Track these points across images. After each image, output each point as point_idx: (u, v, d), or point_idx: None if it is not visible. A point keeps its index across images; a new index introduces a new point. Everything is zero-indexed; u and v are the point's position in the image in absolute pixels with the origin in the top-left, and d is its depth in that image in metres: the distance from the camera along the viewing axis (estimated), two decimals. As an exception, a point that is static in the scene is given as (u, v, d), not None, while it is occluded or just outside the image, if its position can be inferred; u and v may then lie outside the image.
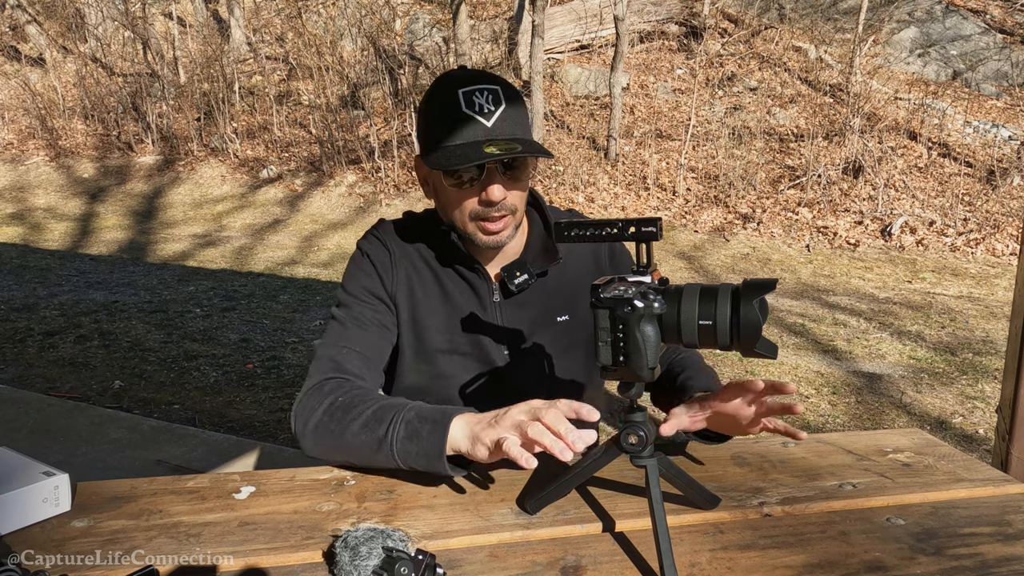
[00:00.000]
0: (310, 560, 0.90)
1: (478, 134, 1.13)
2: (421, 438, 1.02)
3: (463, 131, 1.13)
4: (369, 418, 1.07)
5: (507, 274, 1.24)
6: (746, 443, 1.28)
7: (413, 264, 1.29)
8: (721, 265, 7.67)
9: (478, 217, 1.18)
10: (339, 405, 1.11)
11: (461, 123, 1.13)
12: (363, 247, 1.31)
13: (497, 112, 1.14)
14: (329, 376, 1.17)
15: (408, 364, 1.28)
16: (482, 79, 1.16)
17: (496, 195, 1.14)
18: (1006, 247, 7.95)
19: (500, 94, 1.15)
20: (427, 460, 1.02)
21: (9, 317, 5.36)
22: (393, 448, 1.04)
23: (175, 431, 3.37)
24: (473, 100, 1.13)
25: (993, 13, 12.64)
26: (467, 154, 1.11)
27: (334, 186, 10.31)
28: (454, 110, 1.14)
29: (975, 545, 0.95)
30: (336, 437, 1.09)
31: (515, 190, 1.18)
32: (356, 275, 1.28)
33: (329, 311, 1.30)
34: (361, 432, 1.07)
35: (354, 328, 1.23)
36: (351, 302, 1.26)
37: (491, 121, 1.13)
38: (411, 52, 11.99)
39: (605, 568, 0.89)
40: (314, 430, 1.11)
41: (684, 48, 12.40)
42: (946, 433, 3.69)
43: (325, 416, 1.10)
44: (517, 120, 1.16)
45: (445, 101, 1.15)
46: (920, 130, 10.06)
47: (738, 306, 0.83)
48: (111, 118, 12.01)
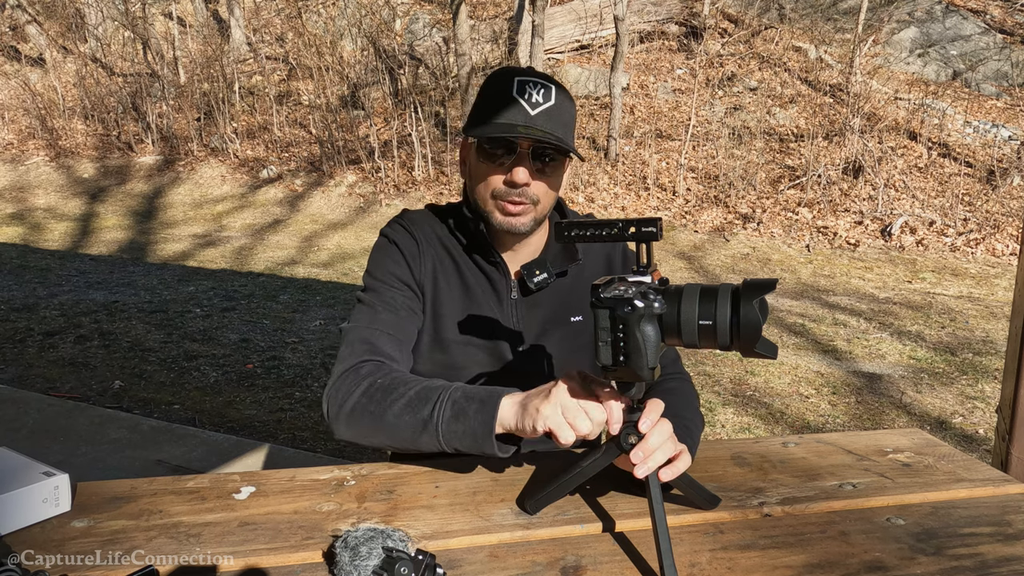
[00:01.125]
0: (310, 560, 0.89)
1: (519, 118, 1.17)
2: (468, 417, 1.01)
3: (507, 112, 1.17)
4: (412, 399, 1.06)
5: (526, 272, 1.25)
6: (746, 443, 1.28)
7: (437, 254, 1.30)
8: (721, 265, 7.67)
9: (500, 196, 1.20)
10: (379, 387, 1.10)
11: (507, 104, 1.18)
12: (390, 235, 1.31)
13: (544, 105, 1.18)
14: (365, 359, 1.16)
15: (423, 351, 1.29)
16: (541, 76, 1.21)
17: (520, 177, 1.17)
18: (1006, 247, 7.95)
19: (552, 92, 1.19)
20: (474, 440, 1.01)
21: (9, 317, 5.36)
22: (439, 428, 1.03)
23: (175, 431, 3.37)
24: (525, 88, 1.18)
25: (993, 13, 12.64)
26: (504, 130, 1.15)
27: (334, 186, 10.31)
28: (505, 92, 1.18)
29: (975, 545, 0.95)
30: (376, 418, 1.08)
31: (542, 182, 1.21)
32: (383, 262, 1.29)
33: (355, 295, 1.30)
34: (404, 413, 1.06)
35: (384, 311, 1.24)
36: (379, 287, 1.26)
37: (535, 111, 1.17)
38: (411, 52, 11.99)
39: (605, 568, 0.89)
40: (351, 412, 1.10)
41: (684, 48, 12.40)
42: (946, 433, 3.69)
43: (364, 398, 1.10)
44: (561, 120, 1.20)
45: (500, 83, 1.20)
46: (920, 130, 10.06)
47: (738, 306, 0.83)
48: (111, 118, 12.02)
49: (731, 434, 3.64)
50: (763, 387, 4.27)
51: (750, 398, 4.10)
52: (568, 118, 1.22)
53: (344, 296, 6.16)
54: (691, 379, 1.32)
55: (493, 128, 1.17)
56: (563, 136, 1.20)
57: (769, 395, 4.15)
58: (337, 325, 5.26)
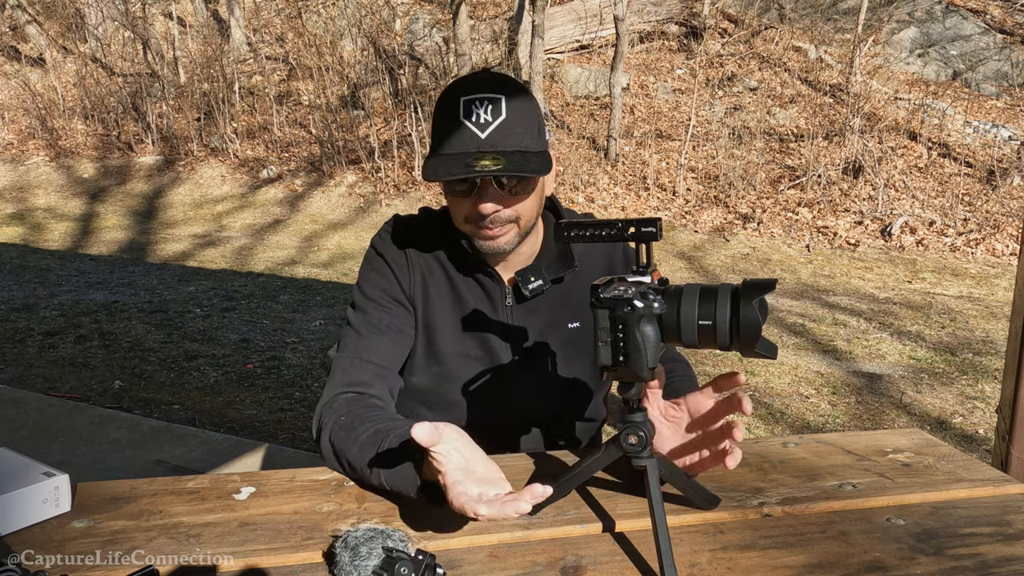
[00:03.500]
0: (310, 560, 0.89)
1: (469, 145, 1.10)
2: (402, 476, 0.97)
3: (455, 139, 1.11)
4: (364, 442, 1.05)
5: (521, 279, 1.23)
6: (746, 443, 1.28)
7: (428, 265, 1.27)
8: (721, 265, 7.67)
9: (474, 222, 1.16)
10: (342, 425, 1.10)
11: (455, 130, 1.12)
12: (378, 247, 1.28)
13: (494, 123, 1.10)
14: (340, 392, 1.17)
15: (418, 364, 1.28)
16: (486, 87, 1.12)
17: (486, 210, 1.13)
18: (1006, 247, 7.95)
19: (502, 105, 1.11)
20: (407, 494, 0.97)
21: (9, 317, 5.36)
22: (382, 480, 1.00)
23: (175, 431, 3.37)
24: (472, 109, 1.11)
25: (993, 13, 12.64)
26: (453, 165, 1.09)
27: (334, 186, 10.31)
28: (453, 117, 1.12)
29: (975, 545, 0.95)
30: (339, 457, 1.09)
31: (514, 202, 1.15)
32: (372, 277, 1.26)
33: (344, 314, 1.28)
34: (358, 455, 1.05)
35: (370, 335, 1.22)
36: (368, 307, 1.24)
37: (485, 132, 1.10)
38: (411, 52, 11.99)
39: (605, 568, 0.89)
40: (324, 450, 1.13)
41: (684, 48, 12.40)
42: (946, 433, 3.69)
43: (333, 437, 1.10)
44: (518, 131, 1.12)
45: (447, 107, 1.13)
46: (920, 130, 10.06)
47: (738, 306, 0.83)
48: (111, 118, 12.02)
49: (731, 434, 3.64)
50: (763, 387, 4.27)
51: (750, 398, 4.10)
52: (527, 122, 1.13)
53: (344, 296, 6.16)
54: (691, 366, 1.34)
55: (445, 162, 1.10)
56: (525, 146, 1.12)
57: (769, 395, 4.15)
58: (337, 325, 5.26)
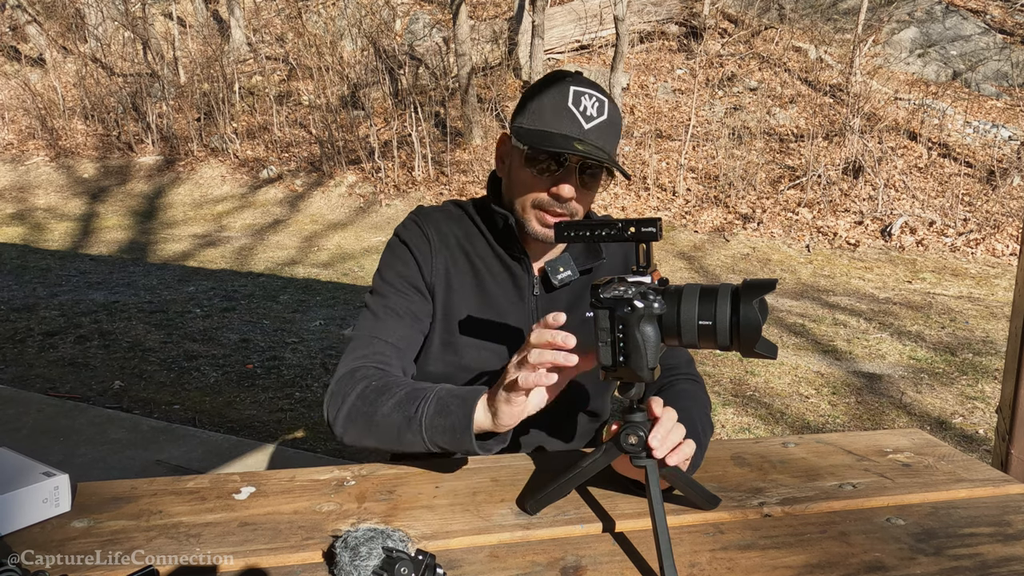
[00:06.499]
0: (310, 560, 0.89)
1: (573, 130, 1.16)
2: (450, 412, 1.02)
3: (561, 122, 1.17)
4: (402, 398, 1.07)
5: (551, 269, 1.25)
6: (746, 443, 1.28)
7: (452, 254, 1.29)
8: (721, 265, 7.67)
9: (540, 206, 1.20)
10: (372, 388, 1.11)
11: (563, 114, 1.17)
12: (402, 235, 1.30)
13: (597, 120, 1.18)
14: (360, 364, 1.18)
15: (434, 353, 1.29)
16: (596, 88, 1.20)
17: (566, 192, 1.17)
18: (1006, 247, 7.95)
19: (606, 107, 1.19)
20: (453, 435, 1.01)
21: (9, 317, 5.36)
22: (422, 424, 1.04)
23: (175, 431, 3.37)
24: (581, 100, 1.17)
25: (993, 13, 12.64)
26: (558, 143, 1.14)
27: (334, 186, 10.31)
28: (561, 101, 1.17)
29: (975, 545, 0.95)
30: (367, 418, 1.09)
31: (584, 195, 1.21)
32: (394, 263, 1.28)
33: (363, 298, 1.29)
34: (393, 412, 1.07)
35: (388, 318, 1.23)
36: (387, 291, 1.26)
37: (589, 125, 1.17)
38: (411, 52, 11.99)
39: (605, 568, 0.89)
40: (347, 414, 1.12)
41: (684, 48, 12.40)
42: (946, 433, 3.69)
43: (358, 400, 1.11)
44: (610, 136, 1.20)
45: (556, 89, 1.19)
46: (920, 130, 10.06)
47: (738, 306, 0.83)
48: (111, 118, 12.02)
49: (731, 434, 3.64)
50: (763, 387, 4.27)
51: (750, 398, 4.10)
52: (617, 132, 1.22)
53: (344, 296, 6.16)
54: (705, 384, 1.30)
55: (548, 139, 1.16)
56: (611, 151, 1.20)
57: (769, 395, 4.15)
58: (337, 325, 5.26)
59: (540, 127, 1.18)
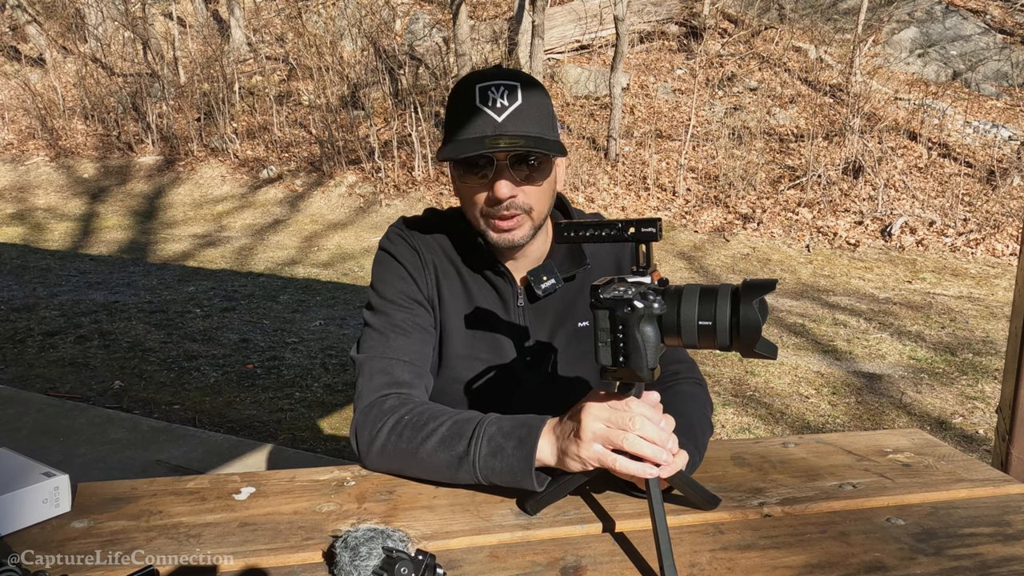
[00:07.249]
0: (310, 560, 0.90)
1: (487, 129, 1.11)
2: (506, 454, 1.00)
3: (473, 124, 1.12)
4: (445, 436, 1.05)
5: (533, 278, 1.21)
6: (746, 443, 1.28)
7: (441, 265, 1.26)
8: (721, 265, 7.67)
9: (489, 214, 1.16)
10: (407, 423, 1.08)
11: (472, 116, 1.13)
12: (390, 249, 1.26)
13: (511, 108, 1.11)
14: (384, 392, 1.14)
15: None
16: (501, 75, 1.14)
17: (502, 192, 1.12)
18: (1006, 247, 7.95)
19: (518, 91, 1.13)
20: (512, 476, 1.01)
21: (9, 317, 5.36)
22: (476, 465, 1.02)
23: (175, 431, 3.37)
24: (488, 95, 1.12)
25: (993, 13, 12.64)
26: (470, 147, 1.10)
27: (334, 186, 10.31)
28: (469, 103, 1.13)
29: (975, 545, 0.95)
30: (408, 456, 1.07)
31: (531, 188, 1.15)
32: (389, 279, 1.24)
33: (362, 317, 1.26)
34: (438, 450, 1.05)
35: (396, 336, 1.20)
36: (388, 308, 1.22)
37: (503, 116, 1.11)
38: (411, 52, 11.99)
39: (605, 568, 0.89)
40: (381, 450, 1.10)
41: (684, 48, 12.40)
42: (946, 433, 3.69)
43: (393, 435, 1.09)
44: (534, 117, 1.13)
45: (462, 95, 1.15)
46: (920, 130, 10.06)
47: (738, 306, 0.83)
48: (111, 118, 12.02)
49: (731, 434, 3.64)
50: (763, 387, 4.27)
51: (750, 398, 4.10)
52: (542, 112, 1.15)
53: (344, 296, 6.16)
54: (707, 387, 1.29)
55: (461, 146, 1.11)
56: (539, 131, 1.13)
57: (769, 395, 4.15)
58: (337, 325, 5.26)
59: (456, 138, 1.13)
